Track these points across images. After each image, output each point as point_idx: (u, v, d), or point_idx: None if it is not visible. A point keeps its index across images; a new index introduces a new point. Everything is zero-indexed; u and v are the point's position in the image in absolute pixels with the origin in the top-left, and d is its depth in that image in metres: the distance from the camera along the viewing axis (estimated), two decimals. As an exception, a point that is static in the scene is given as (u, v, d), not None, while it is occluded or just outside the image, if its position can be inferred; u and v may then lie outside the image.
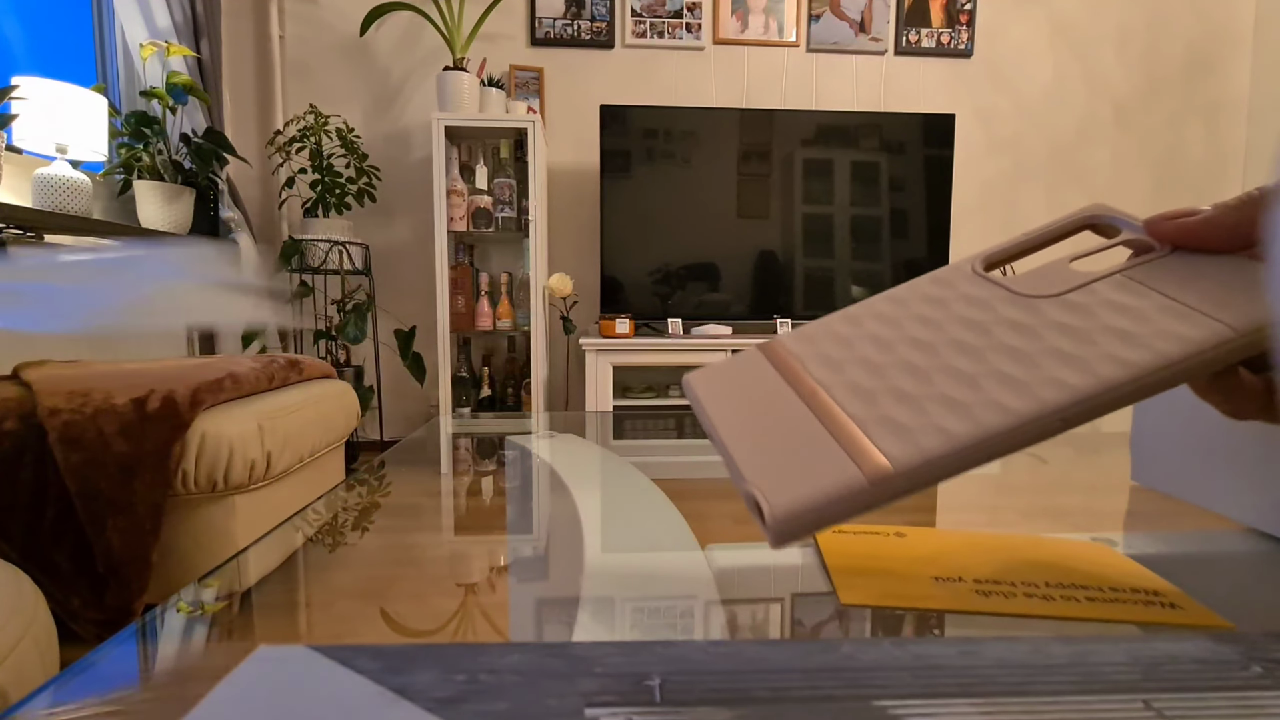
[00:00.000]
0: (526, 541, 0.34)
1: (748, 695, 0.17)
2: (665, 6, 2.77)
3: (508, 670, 0.18)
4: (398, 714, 0.17)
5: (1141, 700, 0.18)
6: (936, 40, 2.87)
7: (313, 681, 0.18)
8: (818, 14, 2.82)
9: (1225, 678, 0.19)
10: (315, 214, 2.45)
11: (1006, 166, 2.99)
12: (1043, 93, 2.97)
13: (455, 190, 2.45)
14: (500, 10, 2.57)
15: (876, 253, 2.69)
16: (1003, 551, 0.30)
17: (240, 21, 2.58)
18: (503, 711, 0.17)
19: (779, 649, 0.20)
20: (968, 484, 0.44)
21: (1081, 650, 0.20)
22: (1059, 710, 0.17)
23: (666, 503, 0.38)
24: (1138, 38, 2.99)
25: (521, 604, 0.26)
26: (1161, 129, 3.04)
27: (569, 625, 0.23)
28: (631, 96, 2.76)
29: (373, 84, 2.71)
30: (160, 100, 2.10)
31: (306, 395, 1.57)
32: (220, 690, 0.18)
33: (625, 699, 0.17)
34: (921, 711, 0.17)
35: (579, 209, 2.80)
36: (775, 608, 0.26)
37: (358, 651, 0.19)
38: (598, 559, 0.30)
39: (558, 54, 2.76)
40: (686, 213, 2.63)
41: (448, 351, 2.44)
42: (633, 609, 0.25)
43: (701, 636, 0.23)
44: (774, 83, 2.85)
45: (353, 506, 0.40)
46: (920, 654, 0.20)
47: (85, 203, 1.77)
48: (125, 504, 1.11)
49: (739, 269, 2.67)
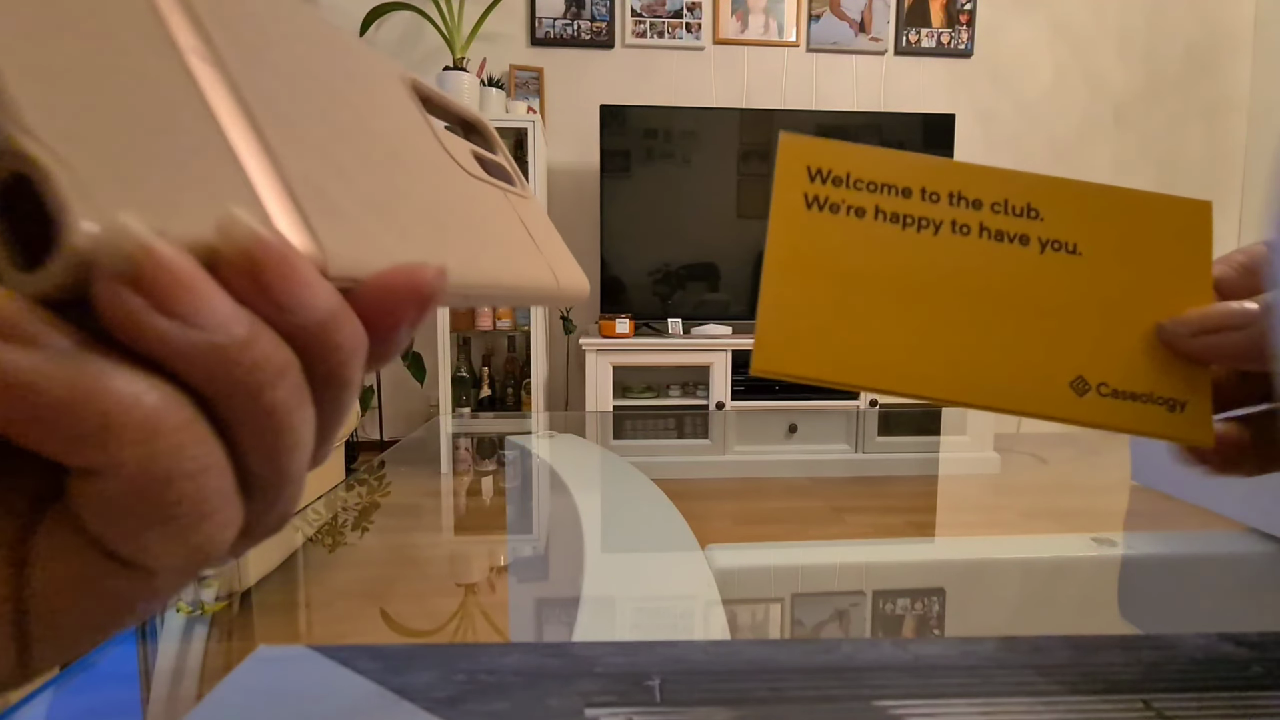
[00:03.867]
0: (526, 541, 0.34)
1: (748, 695, 0.17)
2: (665, 6, 2.77)
3: (508, 670, 0.18)
4: (398, 714, 0.17)
5: (1141, 700, 0.18)
6: (936, 40, 2.87)
7: (313, 681, 0.18)
8: (818, 14, 2.82)
9: (1225, 678, 0.19)
10: (315, 214, 2.45)
11: (1006, 166, 2.98)
12: (1043, 93, 2.97)
13: (455, 190, 2.45)
14: (500, 10, 2.57)
15: (876, 253, 2.69)
16: None
17: (240, 21, 2.58)
18: (503, 711, 0.17)
19: (779, 649, 0.20)
20: (967, 485, 0.44)
21: (1081, 650, 0.20)
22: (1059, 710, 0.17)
23: (666, 503, 0.38)
24: (1138, 38, 2.99)
25: (521, 604, 0.26)
26: (1161, 129, 3.04)
27: (569, 625, 0.23)
28: (631, 96, 2.76)
29: (373, 84, 2.71)
30: (160, 100, 2.10)
31: (306, 395, 1.57)
32: (220, 690, 0.18)
33: (625, 699, 0.17)
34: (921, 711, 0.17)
35: (579, 209, 2.80)
36: (775, 608, 0.26)
37: (358, 651, 0.19)
38: (598, 559, 0.30)
39: (558, 54, 2.76)
40: (686, 213, 2.63)
41: (448, 351, 2.44)
42: (633, 609, 0.25)
43: (701, 636, 0.23)
44: (774, 83, 2.85)
45: (353, 506, 0.40)
46: (920, 654, 0.20)
47: (85, 203, 1.77)
48: (125, 504, 1.11)
49: (739, 269, 2.67)
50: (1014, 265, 0.21)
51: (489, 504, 0.42)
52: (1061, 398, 0.20)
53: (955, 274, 0.21)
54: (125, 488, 0.09)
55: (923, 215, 0.21)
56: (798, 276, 0.21)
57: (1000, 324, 0.21)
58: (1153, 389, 0.20)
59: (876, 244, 0.21)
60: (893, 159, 0.22)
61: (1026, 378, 0.20)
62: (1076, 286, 0.21)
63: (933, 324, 0.21)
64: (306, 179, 0.13)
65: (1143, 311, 0.21)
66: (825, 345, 0.20)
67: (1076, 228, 0.21)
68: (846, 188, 0.21)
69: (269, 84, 0.14)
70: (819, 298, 0.21)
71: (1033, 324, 0.21)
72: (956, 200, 0.22)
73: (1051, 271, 0.21)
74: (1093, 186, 0.22)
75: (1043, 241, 0.21)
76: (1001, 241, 0.21)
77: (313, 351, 0.11)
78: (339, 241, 0.13)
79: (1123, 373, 0.20)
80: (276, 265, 0.10)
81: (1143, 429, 0.20)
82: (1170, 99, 3.03)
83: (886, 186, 0.21)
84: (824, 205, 0.21)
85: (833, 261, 0.21)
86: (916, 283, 0.21)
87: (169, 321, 0.09)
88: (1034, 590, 0.38)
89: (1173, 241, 0.21)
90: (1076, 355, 0.21)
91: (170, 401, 0.10)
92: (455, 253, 0.17)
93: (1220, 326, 0.19)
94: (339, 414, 0.13)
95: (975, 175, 0.22)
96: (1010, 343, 0.21)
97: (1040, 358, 0.21)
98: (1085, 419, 0.20)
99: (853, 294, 0.21)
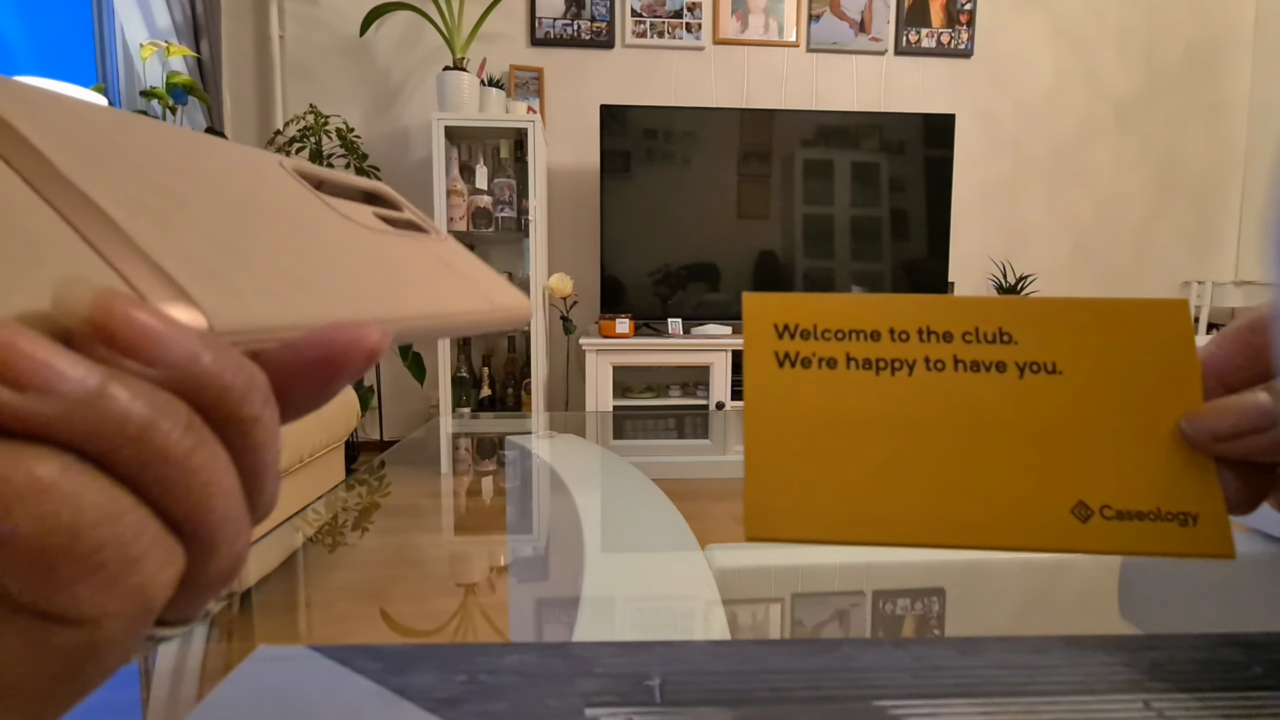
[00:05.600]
0: (526, 541, 0.34)
1: (748, 695, 0.17)
2: (665, 6, 2.76)
3: (508, 670, 0.18)
4: (398, 714, 0.17)
5: (1141, 700, 0.18)
6: (936, 40, 2.87)
7: (313, 681, 0.18)
8: (818, 14, 2.82)
9: (1225, 678, 0.19)
10: (315, 214, 2.45)
11: (1006, 166, 2.98)
12: (1043, 93, 2.97)
13: (455, 190, 2.45)
14: (500, 10, 2.57)
15: (876, 253, 2.69)
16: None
17: (240, 21, 2.58)
18: (503, 711, 0.17)
19: (779, 649, 0.20)
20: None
21: (1081, 650, 0.20)
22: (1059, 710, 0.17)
23: (666, 503, 0.38)
24: (1138, 38, 2.99)
25: (521, 604, 0.26)
26: (1162, 129, 3.04)
27: (569, 625, 0.23)
28: (631, 96, 2.76)
29: (373, 84, 2.71)
30: (160, 100, 2.10)
31: (306, 395, 1.57)
32: (220, 690, 0.18)
33: (625, 699, 0.17)
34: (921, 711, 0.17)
35: (579, 209, 2.80)
36: (775, 608, 0.26)
37: (358, 651, 0.19)
38: (598, 559, 0.30)
39: (558, 54, 2.76)
40: (686, 213, 2.63)
41: (448, 351, 2.44)
42: (633, 609, 0.25)
43: (701, 636, 0.23)
44: (774, 83, 2.85)
45: (353, 506, 0.40)
46: (920, 654, 0.20)
47: (85, 203, 1.77)
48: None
49: (739, 269, 2.67)
50: (995, 394, 0.20)
51: (489, 504, 0.42)
52: (1065, 528, 0.19)
53: (937, 413, 0.20)
54: (32, 547, 0.10)
55: (895, 357, 0.21)
56: (780, 436, 0.20)
57: (990, 458, 0.20)
58: (1159, 504, 0.19)
59: (853, 393, 0.21)
60: (857, 303, 0.21)
61: (1025, 511, 0.20)
62: (1063, 407, 0.20)
63: (922, 468, 0.20)
64: (173, 249, 0.14)
65: (1136, 423, 0.20)
66: (816, 503, 0.20)
67: (1053, 346, 0.21)
68: (816, 339, 0.21)
69: (119, 180, 0.14)
70: (804, 455, 0.20)
71: (1024, 453, 0.20)
72: (926, 336, 0.21)
73: (1035, 395, 0.20)
74: (1061, 301, 0.21)
75: (1020, 365, 0.21)
76: (979, 371, 0.21)
77: (197, 395, 0.12)
78: (221, 299, 0.14)
79: (1125, 492, 0.20)
80: (121, 321, 0.11)
81: (1156, 549, 0.19)
82: (1170, 99, 3.03)
83: (855, 333, 0.21)
84: (795, 361, 0.21)
85: (813, 417, 0.21)
86: (899, 428, 0.20)
87: (10, 392, 0.10)
88: (1034, 590, 0.38)
89: (1153, 345, 0.20)
90: (1074, 480, 0.20)
91: (53, 459, 0.10)
92: (372, 297, 0.18)
93: (1250, 429, 0.18)
94: (257, 452, 0.13)
95: (942, 307, 0.21)
96: (1003, 476, 0.20)
97: (1037, 488, 0.20)
98: (1093, 547, 0.19)
99: (837, 447, 0.20)
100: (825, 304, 0.21)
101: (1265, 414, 0.18)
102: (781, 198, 2.65)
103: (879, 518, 0.20)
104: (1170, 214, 3.06)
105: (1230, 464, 0.19)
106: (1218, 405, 0.19)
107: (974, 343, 0.21)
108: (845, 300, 0.21)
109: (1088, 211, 3.04)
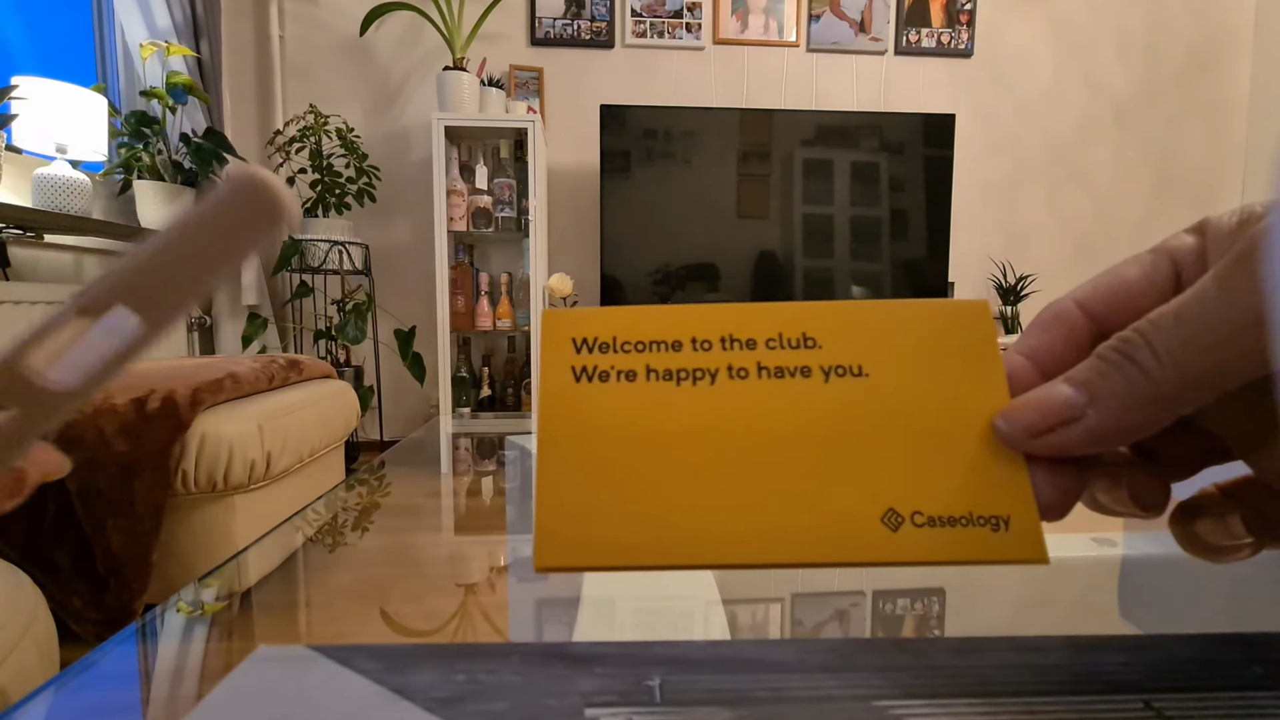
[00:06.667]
0: (526, 541, 0.34)
1: (748, 695, 0.17)
2: (665, 6, 2.76)
3: (508, 670, 0.18)
4: (398, 714, 0.17)
5: (1141, 700, 0.18)
6: (936, 40, 2.87)
7: (313, 681, 0.18)
8: (818, 14, 2.82)
9: (1225, 678, 0.19)
10: (315, 214, 2.45)
11: (1006, 166, 2.98)
12: (1043, 93, 2.97)
13: (455, 190, 2.45)
14: (500, 10, 2.57)
15: (876, 253, 2.69)
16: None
17: (240, 21, 2.58)
18: (503, 711, 0.17)
19: (779, 649, 0.20)
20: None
21: (1081, 650, 0.20)
22: (1059, 710, 0.17)
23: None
24: (1138, 38, 2.99)
25: (521, 604, 0.26)
26: (1161, 129, 3.04)
27: (569, 625, 0.23)
28: (631, 96, 2.76)
29: (372, 84, 2.71)
30: (160, 100, 2.10)
31: (306, 395, 1.57)
32: (220, 690, 0.18)
33: (625, 699, 0.17)
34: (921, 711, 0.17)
35: (579, 209, 2.80)
36: (775, 608, 0.26)
37: (358, 651, 0.19)
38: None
39: (558, 54, 2.76)
40: (686, 213, 2.63)
41: (448, 351, 2.44)
42: (633, 609, 0.25)
43: (701, 636, 0.23)
44: (774, 83, 2.85)
45: (353, 506, 0.40)
46: (920, 654, 0.20)
47: (85, 203, 1.77)
48: (125, 504, 1.11)
49: (739, 269, 2.67)
50: (800, 401, 0.19)
51: (489, 504, 0.42)
52: (875, 538, 0.18)
53: (740, 423, 0.19)
54: None
55: (697, 366, 0.20)
56: (573, 458, 0.19)
57: (798, 468, 0.19)
58: (971, 509, 0.18)
59: (652, 407, 0.19)
60: (659, 314, 0.20)
61: (836, 523, 0.18)
62: (870, 412, 0.19)
63: (726, 483, 0.19)
64: None
65: (944, 426, 0.19)
66: (611, 529, 0.18)
67: (857, 349, 0.20)
68: (615, 352, 0.20)
69: None
70: (598, 477, 0.19)
71: (833, 461, 0.19)
72: (730, 344, 0.20)
73: (840, 400, 0.19)
74: (866, 304, 0.20)
75: (825, 369, 0.20)
76: (783, 378, 0.20)
77: None
78: None
79: (935, 497, 0.18)
80: None
81: (968, 556, 0.18)
82: (1170, 99, 3.03)
83: (655, 343, 0.20)
84: (593, 375, 0.20)
85: (608, 435, 0.19)
86: (702, 441, 0.19)
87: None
88: (1034, 590, 0.38)
89: (956, 346, 0.20)
90: (884, 487, 0.19)
91: None
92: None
93: (1058, 423, 0.17)
94: None
95: (747, 315, 0.20)
96: (812, 486, 0.19)
97: (846, 498, 0.19)
98: (903, 557, 0.18)
99: (636, 465, 0.19)
100: (626, 316, 0.20)
101: (1070, 405, 0.17)
102: (781, 197, 2.65)
103: (680, 539, 0.18)
104: (1170, 213, 3.06)
105: (1042, 464, 0.18)
106: (1030, 399, 0.18)
107: (777, 348, 0.20)
108: (647, 311, 0.20)
109: (1087, 211, 3.04)
